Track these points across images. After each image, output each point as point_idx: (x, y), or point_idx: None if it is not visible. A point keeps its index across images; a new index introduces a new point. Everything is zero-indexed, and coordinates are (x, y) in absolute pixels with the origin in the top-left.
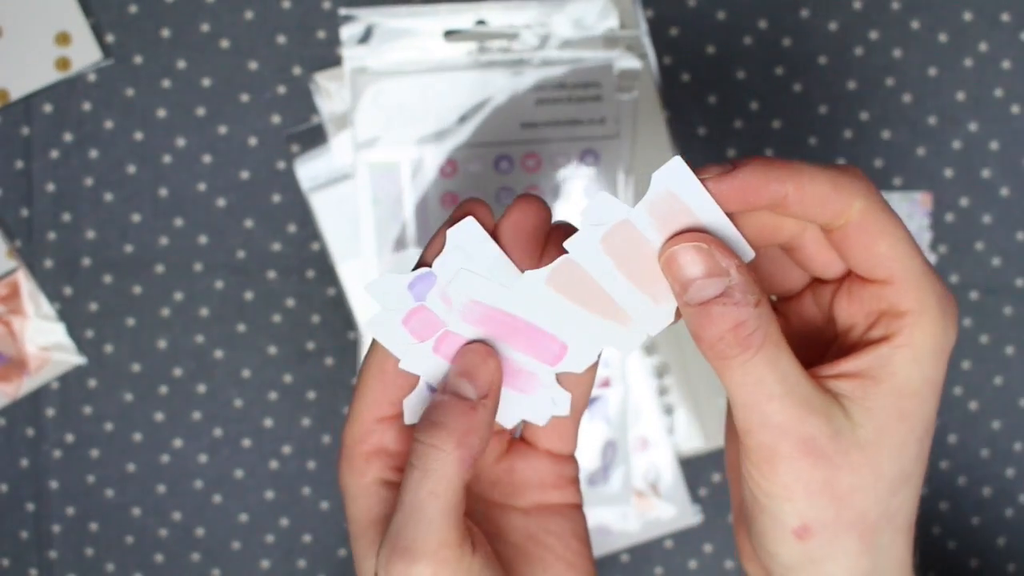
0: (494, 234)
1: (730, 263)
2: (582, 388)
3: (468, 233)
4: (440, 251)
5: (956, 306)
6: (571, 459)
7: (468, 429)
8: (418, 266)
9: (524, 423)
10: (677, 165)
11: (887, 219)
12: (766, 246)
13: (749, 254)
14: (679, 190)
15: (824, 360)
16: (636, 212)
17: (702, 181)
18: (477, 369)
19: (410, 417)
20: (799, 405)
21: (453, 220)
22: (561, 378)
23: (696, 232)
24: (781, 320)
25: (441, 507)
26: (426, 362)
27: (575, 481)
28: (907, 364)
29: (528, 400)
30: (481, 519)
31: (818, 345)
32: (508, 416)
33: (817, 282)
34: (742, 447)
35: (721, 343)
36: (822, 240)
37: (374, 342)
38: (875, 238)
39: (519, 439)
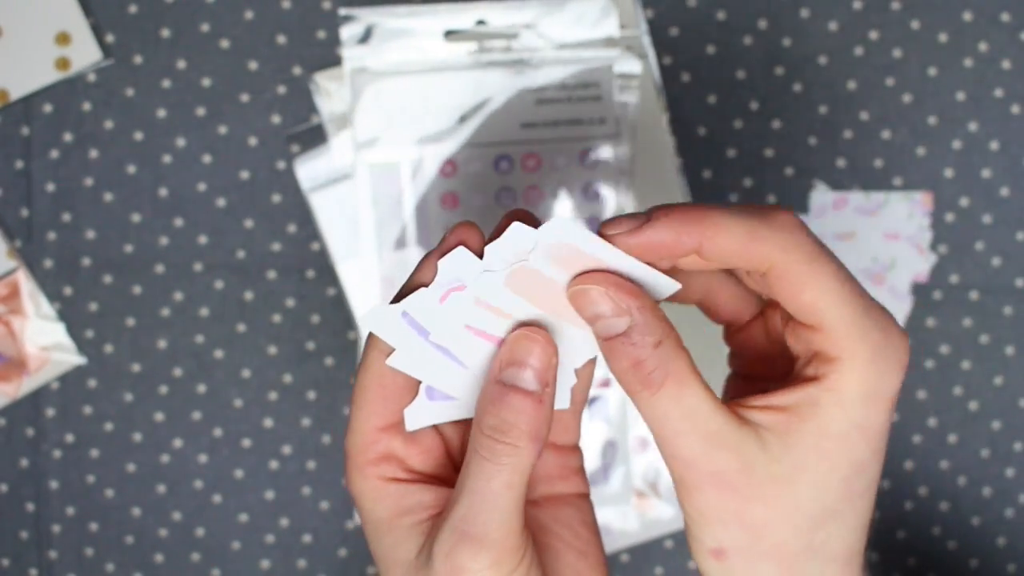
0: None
1: (631, 304)
2: (583, 380)
3: (460, 261)
4: (428, 277)
5: (902, 349)
6: (575, 450)
7: (538, 423)
8: (405, 292)
9: None
10: (559, 225)
11: (812, 270)
12: (704, 272)
13: (669, 289)
14: (574, 241)
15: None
16: (534, 259)
17: (608, 237)
18: (535, 357)
19: (412, 425)
20: (705, 441)
21: (443, 249)
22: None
23: (599, 273)
24: (743, 340)
25: (513, 498)
26: (420, 357)
27: (580, 471)
28: (832, 407)
29: None
30: None
31: (764, 373)
32: None
33: (770, 311)
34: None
35: (625, 378)
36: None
37: (368, 350)
38: (798, 288)
39: None
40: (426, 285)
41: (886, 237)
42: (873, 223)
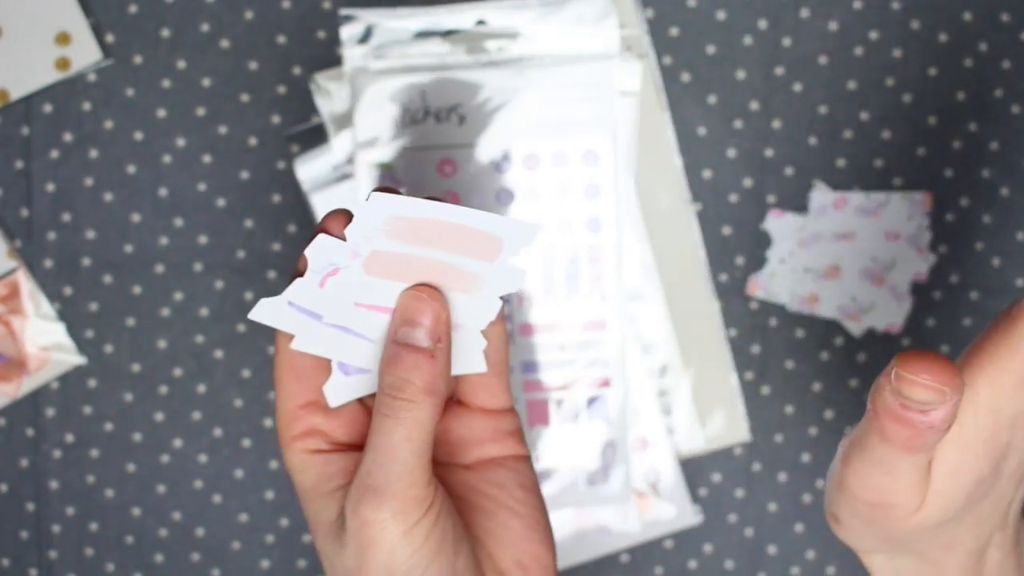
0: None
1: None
2: (494, 341)
3: (325, 248)
4: (302, 268)
5: None
6: (507, 412)
7: (433, 377)
8: (292, 280)
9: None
10: (377, 200)
11: None
12: None
13: (530, 232)
14: (399, 212)
15: None
16: (377, 243)
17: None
18: (423, 315)
19: (334, 401)
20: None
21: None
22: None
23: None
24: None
25: (414, 450)
26: (322, 338)
27: (515, 433)
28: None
29: (457, 352)
30: None
31: None
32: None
33: None
34: None
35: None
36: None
37: (278, 335)
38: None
39: (452, 401)
40: (303, 275)
41: (886, 237)
42: (873, 223)
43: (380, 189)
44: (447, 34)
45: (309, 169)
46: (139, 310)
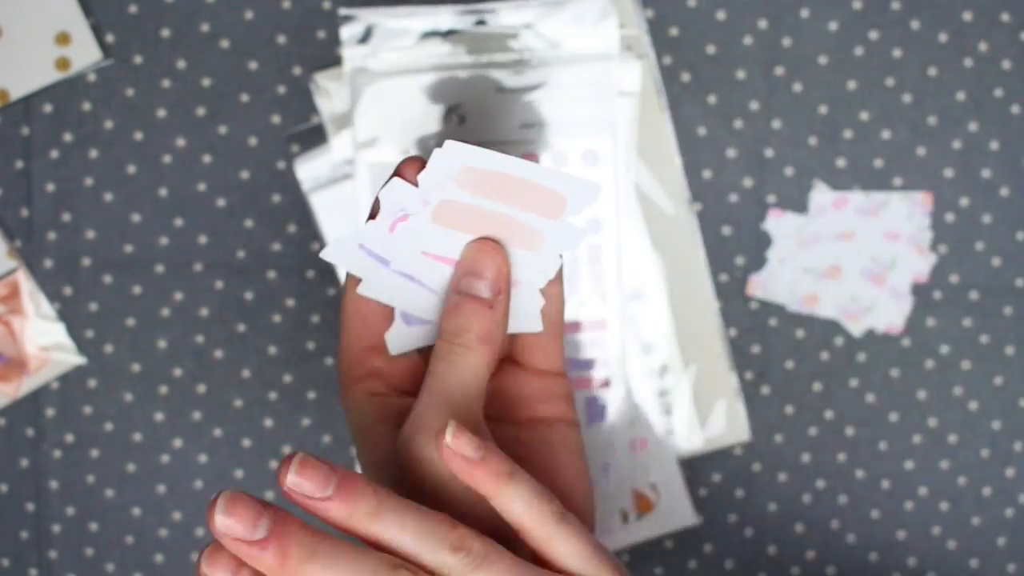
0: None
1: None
2: (552, 302)
3: (397, 191)
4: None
5: None
6: (558, 375)
7: (489, 327)
8: (371, 216)
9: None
10: (453, 148)
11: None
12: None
13: (592, 191)
14: (471, 163)
15: None
16: (447, 191)
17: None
18: (485, 266)
19: (394, 348)
20: None
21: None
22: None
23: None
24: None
25: (466, 394)
26: (388, 284)
27: (565, 397)
28: None
29: (514, 309)
30: None
31: None
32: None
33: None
34: None
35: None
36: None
37: (348, 278)
38: None
39: (508, 359)
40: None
41: (886, 237)
42: (873, 223)
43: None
44: (447, 34)
45: (309, 169)
46: (139, 310)
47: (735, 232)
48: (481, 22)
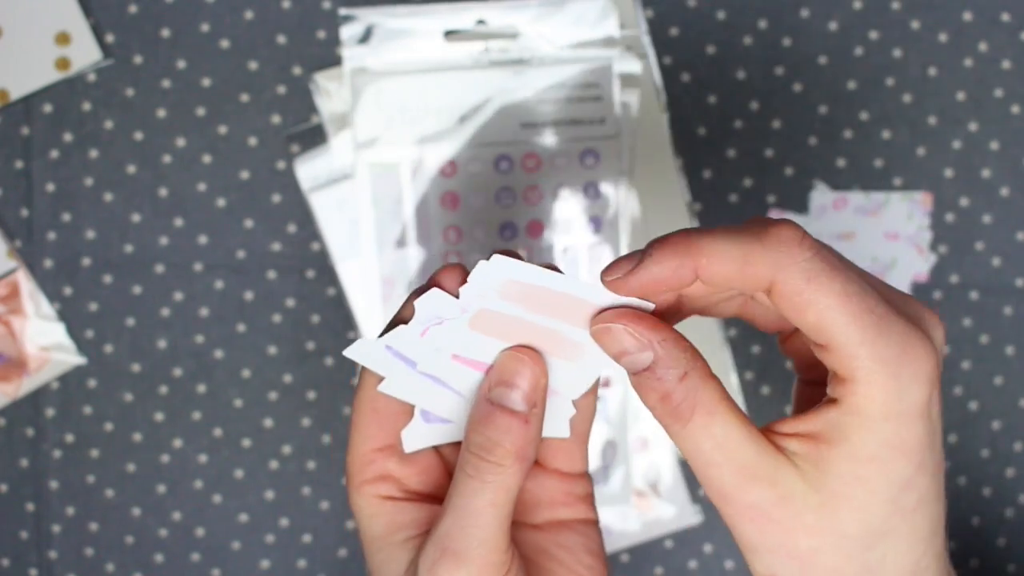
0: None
1: (652, 338)
2: (584, 411)
3: (435, 301)
4: (408, 315)
5: (925, 356)
6: (582, 477)
7: (524, 443)
8: (393, 324)
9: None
10: (500, 264)
11: (812, 286)
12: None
13: (649, 307)
14: (519, 278)
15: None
16: (490, 302)
17: (608, 283)
18: (524, 378)
19: (409, 447)
20: (738, 473)
21: (422, 288)
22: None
23: (619, 310)
24: (791, 349)
25: (497, 515)
26: (411, 384)
27: (587, 498)
28: (857, 430)
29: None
30: None
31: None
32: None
33: None
34: None
35: (656, 412)
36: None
37: (364, 373)
38: (800, 309)
39: None
40: (406, 322)
41: (886, 237)
42: (873, 223)
43: (500, 252)
44: (447, 34)
45: (309, 169)
46: (139, 310)
47: None
48: (481, 22)
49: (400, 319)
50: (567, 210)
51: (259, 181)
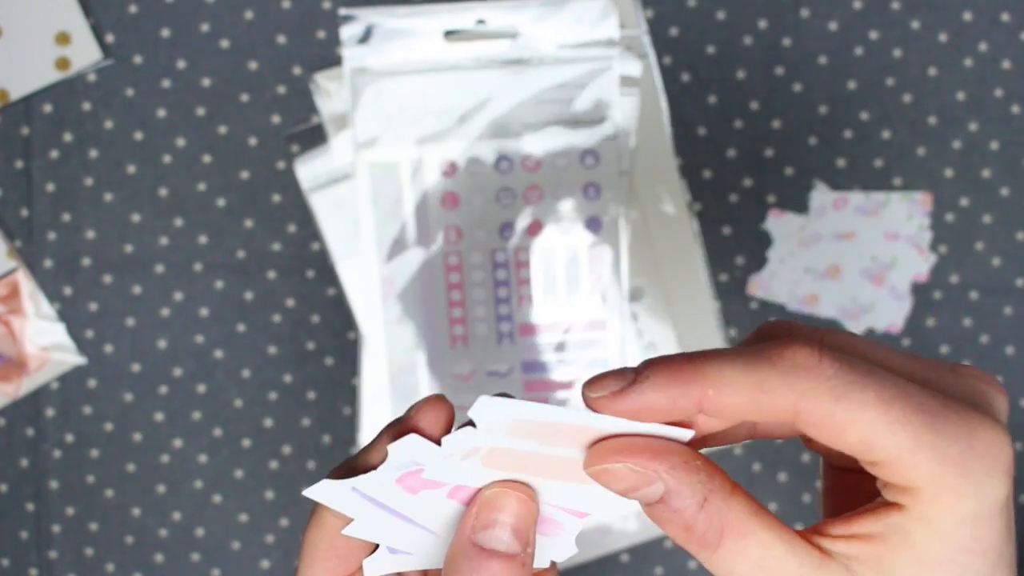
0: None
1: (659, 468)
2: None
3: (413, 448)
4: (379, 458)
5: (998, 445)
6: (549, 570)
7: None
8: (353, 468)
9: None
10: (485, 405)
11: (844, 405)
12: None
13: (686, 435)
14: (523, 417)
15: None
16: (498, 440)
17: (591, 402)
18: (513, 515)
19: (371, 574)
20: None
21: (396, 431)
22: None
23: (612, 442)
24: (820, 447)
25: None
26: (379, 523)
27: None
28: (927, 536)
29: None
30: None
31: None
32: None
33: None
34: None
35: (682, 542)
36: None
37: (318, 508)
38: (836, 432)
39: None
40: (375, 466)
41: (886, 237)
42: (873, 223)
43: (496, 394)
44: (447, 34)
45: (309, 169)
46: (139, 310)
47: (735, 232)
48: (481, 22)
49: (368, 463)
50: (567, 210)
51: (259, 181)
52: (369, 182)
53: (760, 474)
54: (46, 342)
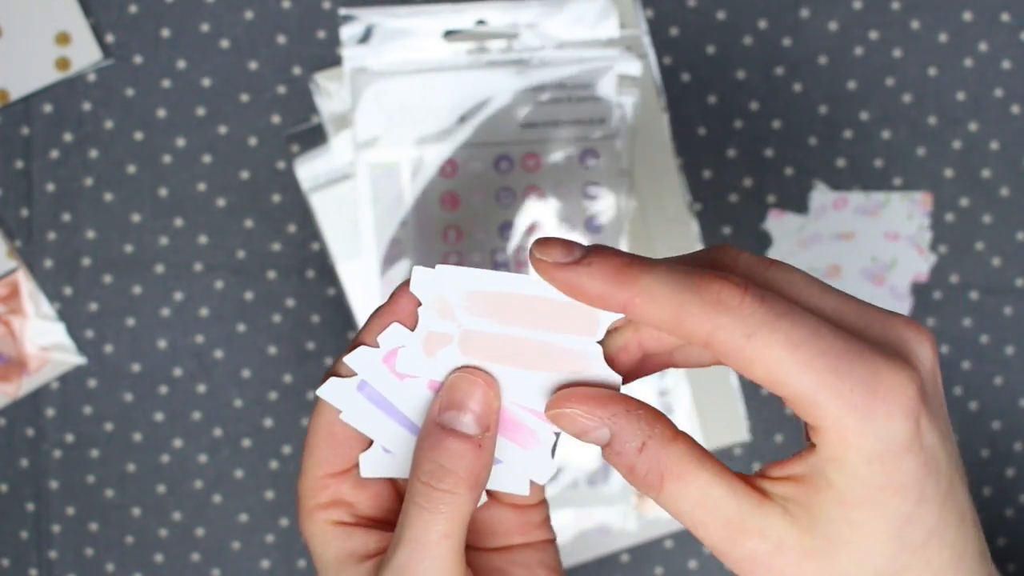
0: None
1: (603, 415)
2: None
3: (395, 335)
4: (378, 331)
5: (899, 389)
6: (538, 505)
7: (477, 469)
8: (354, 346)
9: None
10: (419, 275)
11: (754, 342)
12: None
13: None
14: (474, 287)
15: None
16: (464, 321)
17: (535, 261)
18: (475, 400)
19: (366, 472)
20: (725, 527)
21: (379, 316)
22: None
23: (566, 395)
24: None
25: (452, 547)
26: (370, 415)
27: (543, 523)
28: (842, 476)
29: (511, 464)
30: None
31: None
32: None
33: None
34: None
35: (629, 482)
36: None
37: (320, 403)
38: (745, 365)
39: None
40: (368, 344)
41: (886, 237)
42: (873, 223)
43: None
44: (447, 34)
45: (309, 169)
46: (139, 310)
47: (735, 232)
48: (481, 22)
49: (361, 342)
50: (567, 210)
51: (259, 181)
52: (369, 182)
53: None
54: (46, 342)
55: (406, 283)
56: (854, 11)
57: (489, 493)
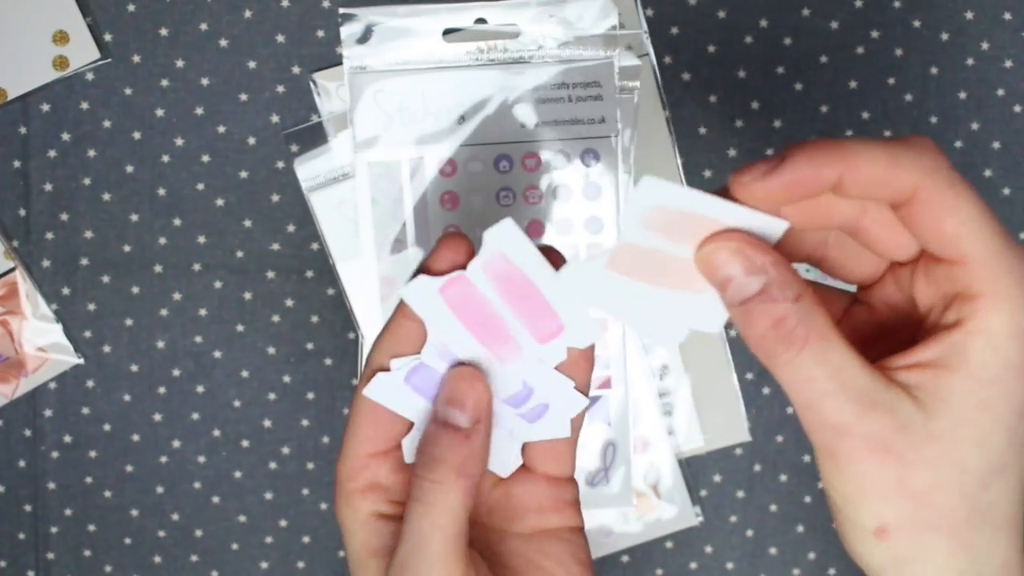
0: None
1: (765, 260)
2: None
3: (506, 233)
4: (442, 258)
5: None
6: (569, 481)
7: (465, 458)
8: (418, 272)
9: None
10: (647, 185)
11: (956, 195)
12: (823, 230)
13: (778, 230)
14: (665, 201)
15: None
16: (633, 234)
17: (742, 185)
18: (465, 394)
19: (410, 456)
20: (856, 401)
21: (444, 240)
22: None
23: (727, 232)
24: (866, 310)
25: (446, 538)
26: (400, 393)
27: (574, 503)
28: (982, 351)
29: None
30: (479, 545)
31: (907, 331)
32: (508, 458)
33: (896, 265)
34: (813, 447)
35: (765, 341)
36: (888, 219)
37: (365, 377)
38: (942, 216)
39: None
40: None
41: None
42: None
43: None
44: (447, 33)
45: (309, 169)
46: (137, 310)
47: None
48: (481, 21)
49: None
50: (567, 210)
51: (258, 181)
52: (369, 182)
53: (760, 474)
54: (44, 342)
55: (445, 239)
56: (855, 10)
57: (523, 465)
